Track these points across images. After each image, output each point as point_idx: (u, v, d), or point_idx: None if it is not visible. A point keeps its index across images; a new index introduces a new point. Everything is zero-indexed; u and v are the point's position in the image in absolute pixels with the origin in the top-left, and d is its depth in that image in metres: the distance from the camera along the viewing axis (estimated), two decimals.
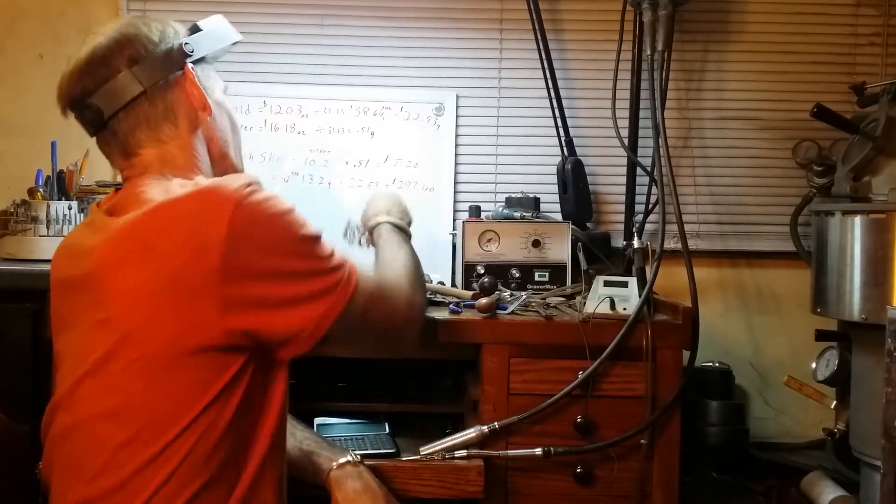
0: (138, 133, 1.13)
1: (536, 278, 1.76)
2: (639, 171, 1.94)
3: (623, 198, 2.01)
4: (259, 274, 1.00)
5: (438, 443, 1.40)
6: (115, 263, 1.00)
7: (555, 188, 2.00)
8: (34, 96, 2.03)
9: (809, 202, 1.93)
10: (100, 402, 0.99)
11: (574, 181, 1.94)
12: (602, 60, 2.02)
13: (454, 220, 1.99)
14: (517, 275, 1.75)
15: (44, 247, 1.70)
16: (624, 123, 1.92)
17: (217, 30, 1.23)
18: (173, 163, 1.14)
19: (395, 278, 1.23)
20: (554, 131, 2.00)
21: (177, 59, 1.15)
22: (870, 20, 2.06)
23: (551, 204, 1.99)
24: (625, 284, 1.56)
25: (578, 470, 1.44)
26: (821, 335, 1.74)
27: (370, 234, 1.44)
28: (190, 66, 1.16)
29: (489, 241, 1.77)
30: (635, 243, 1.57)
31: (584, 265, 1.72)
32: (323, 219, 1.08)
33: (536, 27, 1.96)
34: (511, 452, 1.42)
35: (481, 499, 1.38)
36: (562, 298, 1.66)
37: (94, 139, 1.17)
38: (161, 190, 1.06)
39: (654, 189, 1.88)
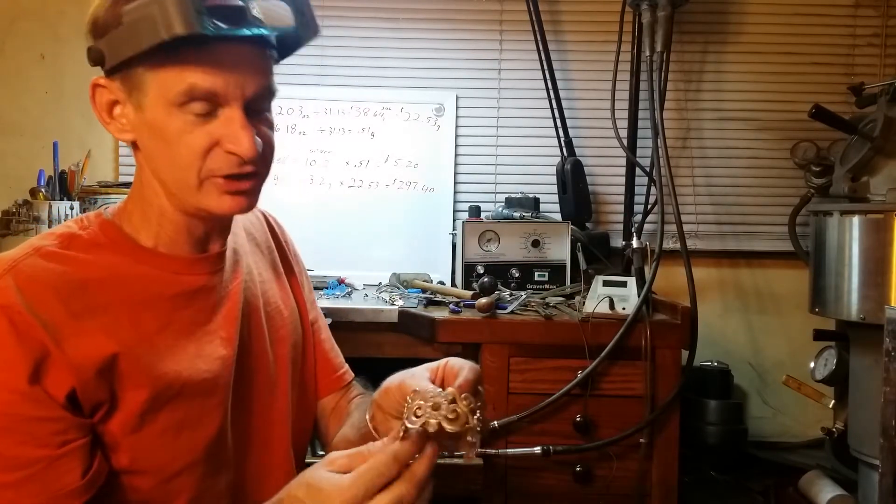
0: None
1: (536, 278, 1.77)
2: (638, 171, 1.95)
3: (622, 198, 2.02)
4: None
5: None
6: None
7: (554, 188, 2.00)
8: (35, 96, 2.03)
9: (808, 202, 1.94)
10: None
11: (573, 181, 1.94)
12: (601, 61, 2.03)
13: (454, 220, 2.00)
14: (517, 274, 1.76)
15: None
16: (623, 124, 1.93)
17: (142, 18, 0.76)
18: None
19: None
20: (553, 132, 2.01)
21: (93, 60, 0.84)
22: (868, 21, 2.07)
23: (551, 204, 2.00)
24: (624, 284, 1.56)
25: (578, 469, 1.45)
26: (819, 335, 1.75)
27: None
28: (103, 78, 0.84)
29: (489, 241, 1.77)
30: (634, 243, 1.58)
31: (583, 265, 1.73)
32: (323, 219, 1.03)
33: (536, 28, 1.96)
34: (510, 451, 1.43)
35: (481, 497, 1.39)
36: (561, 298, 1.66)
37: None
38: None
39: (653, 189, 1.89)
